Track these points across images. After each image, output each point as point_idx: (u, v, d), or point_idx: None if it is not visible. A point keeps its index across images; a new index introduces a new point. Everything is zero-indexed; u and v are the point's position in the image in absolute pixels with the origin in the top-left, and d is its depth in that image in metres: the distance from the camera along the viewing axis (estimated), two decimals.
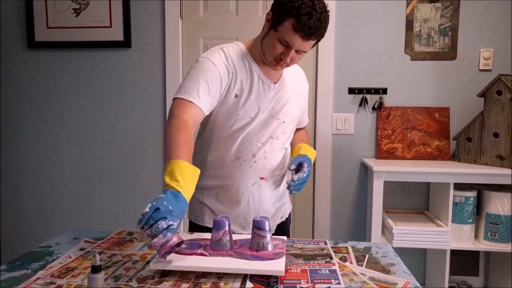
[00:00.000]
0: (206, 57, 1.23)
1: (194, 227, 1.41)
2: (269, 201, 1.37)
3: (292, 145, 1.46)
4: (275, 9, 1.19)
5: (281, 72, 1.34)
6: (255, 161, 1.31)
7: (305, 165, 1.31)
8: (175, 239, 0.94)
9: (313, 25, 1.14)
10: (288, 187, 1.28)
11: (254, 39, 1.31)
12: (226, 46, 1.29)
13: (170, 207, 0.93)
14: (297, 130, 1.52)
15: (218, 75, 1.21)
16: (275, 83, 1.32)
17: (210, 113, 1.26)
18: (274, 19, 1.18)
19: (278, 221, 1.44)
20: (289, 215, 1.53)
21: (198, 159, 1.33)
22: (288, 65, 1.26)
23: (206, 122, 1.31)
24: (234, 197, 1.33)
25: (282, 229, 1.46)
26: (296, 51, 1.20)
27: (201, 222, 1.39)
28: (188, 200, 0.99)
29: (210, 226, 1.21)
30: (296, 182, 1.27)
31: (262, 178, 1.33)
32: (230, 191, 1.33)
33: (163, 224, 0.91)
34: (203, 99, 1.18)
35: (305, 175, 1.29)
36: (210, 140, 1.31)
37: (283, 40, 1.18)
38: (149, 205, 0.93)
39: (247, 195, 1.33)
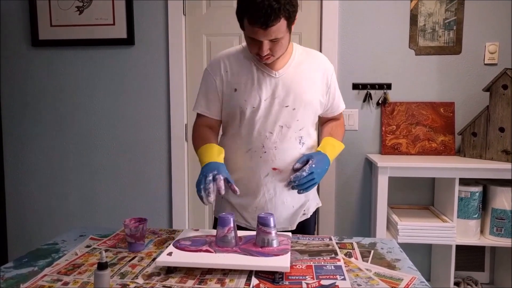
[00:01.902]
0: (207, 68, 1.41)
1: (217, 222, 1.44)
2: (287, 193, 1.35)
3: (320, 139, 1.44)
4: (236, 13, 1.24)
5: (286, 59, 1.34)
6: (265, 152, 1.31)
7: (309, 162, 1.27)
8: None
9: (263, 13, 1.14)
10: (289, 186, 1.28)
11: None
12: (228, 50, 1.41)
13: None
14: (330, 120, 1.50)
15: (213, 81, 1.37)
16: (277, 70, 1.32)
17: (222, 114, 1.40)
18: (239, 22, 1.25)
19: (300, 218, 1.41)
20: (314, 213, 1.47)
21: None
22: (274, 56, 1.26)
23: (222, 123, 1.43)
24: (250, 190, 1.35)
25: (303, 227, 1.41)
26: (271, 41, 1.21)
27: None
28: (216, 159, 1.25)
29: None
30: (297, 182, 1.24)
31: (274, 169, 1.32)
32: (245, 184, 1.35)
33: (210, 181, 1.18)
34: (206, 107, 1.39)
35: (304, 173, 1.24)
36: (226, 137, 1.41)
37: (251, 37, 1.22)
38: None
39: (261, 186, 1.34)
